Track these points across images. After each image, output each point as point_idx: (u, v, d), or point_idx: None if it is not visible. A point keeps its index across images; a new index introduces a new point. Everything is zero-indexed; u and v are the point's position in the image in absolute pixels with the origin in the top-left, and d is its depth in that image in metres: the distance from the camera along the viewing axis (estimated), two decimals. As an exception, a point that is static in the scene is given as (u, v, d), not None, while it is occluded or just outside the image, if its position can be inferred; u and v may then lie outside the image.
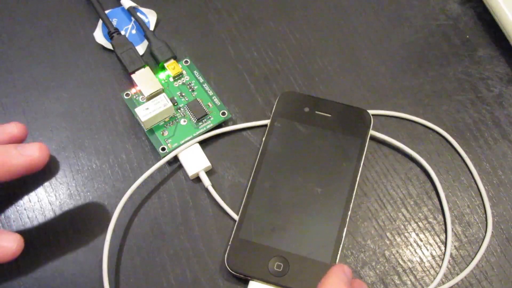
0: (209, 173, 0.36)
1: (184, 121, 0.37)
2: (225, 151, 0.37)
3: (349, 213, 0.34)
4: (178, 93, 0.38)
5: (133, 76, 0.38)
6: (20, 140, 0.32)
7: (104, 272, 0.32)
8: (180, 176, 0.36)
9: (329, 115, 0.37)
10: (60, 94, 0.39)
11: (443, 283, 0.33)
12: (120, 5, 0.41)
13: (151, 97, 0.37)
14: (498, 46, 0.41)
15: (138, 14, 0.41)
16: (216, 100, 0.38)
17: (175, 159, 0.36)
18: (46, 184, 0.36)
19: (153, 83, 0.37)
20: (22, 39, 0.40)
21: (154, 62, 0.39)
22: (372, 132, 0.37)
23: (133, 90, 0.38)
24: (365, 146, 0.36)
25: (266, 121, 0.37)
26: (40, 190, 0.36)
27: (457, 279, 0.33)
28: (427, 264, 0.34)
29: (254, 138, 0.38)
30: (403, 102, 0.39)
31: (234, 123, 0.38)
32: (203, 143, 0.37)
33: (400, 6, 0.43)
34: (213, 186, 0.35)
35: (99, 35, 0.40)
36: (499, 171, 0.37)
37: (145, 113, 0.36)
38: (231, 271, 0.32)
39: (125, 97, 0.38)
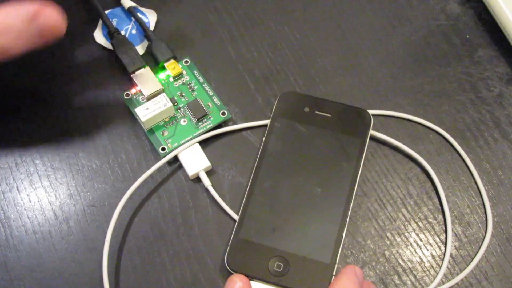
0: (209, 173, 0.36)
1: (184, 121, 0.37)
2: (225, 151, 0.37)
3: (349, 213, 0.34)
4: (178, 93, 0.38)
5: (133, 76, 0.38)
6: None
7: (104, 272, 0.32)
8: (180, 176, 0.36)
9: (329, 115, 0.37)
10: (60, 94, 0.39)
11: (443, 283, 0.33)
12: (120, 5, 0.41)
13: (151, 97, 0.37)
14: (498, 46, 0.41)
15: (138, 14, 0.41)
16: (216, 100, 0.38)
17: (175, 159, 0.36)
18: (46, 184, 0.36)
19: (153, 83, 0.37)
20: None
21: (154, 62, 0.39)
22: (372, 132, 0.37)
23: (133, 90, 0.38)
24: (365, 146, 0.36)
25: (266, 121, 0.37)
26: (40, 190, 0.36)
27: (457, 279, 0.33)
28: (427, 264, 0.34)
29: (254, 138, 0.38)
30: (403, 102, 0.39)
31: (234, 123, 0.38)
32: (203, 143, 0.37)
33: (400, 6, 0.43)
34: (213, 186, 0.35)
35: (99, 35, 0.40)
36: (499, 171, 0.37)
37: (145, 113, 0.36)
38: (231, 271, 0.32)
39: (125, 97, 0.38)
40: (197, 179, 0.36)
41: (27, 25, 0.29)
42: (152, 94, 0.37)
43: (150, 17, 0.41)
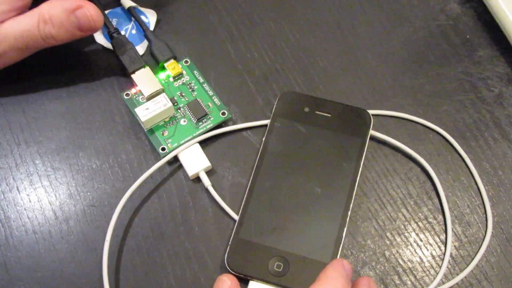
0: (209, 173, 0.36)
1: (184, 121, 0.37)
2: (225, 151, 0.37)
3: (349, 213, 0.34)
4: (178, 93, 0.38)
5: (133, 76, 0.38)
6: None
7: (104, 272, 0.32)
8: (180, 176, 0.36)
9: (329, 115, 0.37)
10: (60, 94, 0.39)
11: (443, 283, 0.33)
12: (120, 5, 0.41)
13: (151, 97, 0.37)
14: (498, 46, 0.41)
15: (138, 14, 0.41)
16: (216, 100, 0.38)
17: (175, 159, 0.36)
18: (46, 184, 0.36)
19: (153, 83, 0.37)
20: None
21: (154, 62, 0.39)
22: (372, 132, 0.37)
23: (133, 90, 0.38)
24: (365, 146, 0.36)
25: (266, 121, 0.37)
26: (40, 190, 0.36)
27: (457, 279, 0.33)
28: (427, 264, 0.34)
29: (254, 138, 0.38)
30: (403, 102, 0.39)
31: (234, 123, 0.38)
32: (203, 143, 0.37)
33: (400, 6, 0.43)
34: (213, 186, 0.35)
35: (99, 35, 0.40)
36: (499, 171, 0.37)
37: (145, 113, 0.36)
38: (231, 271, 0.32)
39: (125, 97, 0.38)
40: (197, 179, 0.36)
41: (67, 16, 0.34)
42: (152, 94, 0.37)
43: (150, 17, 0.41)
